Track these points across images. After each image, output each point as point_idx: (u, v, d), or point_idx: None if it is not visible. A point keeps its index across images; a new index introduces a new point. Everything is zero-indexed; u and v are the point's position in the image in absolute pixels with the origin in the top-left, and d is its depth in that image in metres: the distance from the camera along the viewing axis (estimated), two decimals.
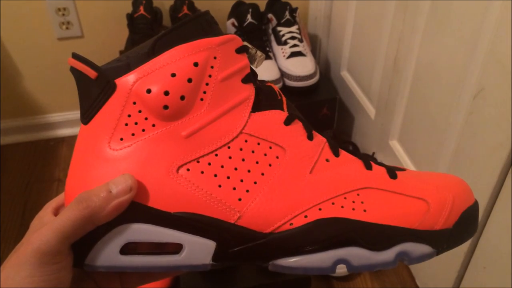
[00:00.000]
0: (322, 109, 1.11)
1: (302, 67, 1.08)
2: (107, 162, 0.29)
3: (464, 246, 0.73)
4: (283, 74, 1.09)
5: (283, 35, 1.14)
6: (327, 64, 1.34)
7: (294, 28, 1.15)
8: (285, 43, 1.13)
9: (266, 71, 1.07)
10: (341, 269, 0.30)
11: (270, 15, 1.16)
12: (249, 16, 1.13)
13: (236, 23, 1.15)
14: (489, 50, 0.62)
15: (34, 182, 1.22)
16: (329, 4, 1.25)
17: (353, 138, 1.21)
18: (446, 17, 0.72)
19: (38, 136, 1.37)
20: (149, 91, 0.28)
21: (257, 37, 1.13)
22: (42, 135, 1.37)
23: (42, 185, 1.21)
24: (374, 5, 0.99)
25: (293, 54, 1.10)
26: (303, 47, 1.13)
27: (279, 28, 1.15)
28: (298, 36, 1.14)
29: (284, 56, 1.11)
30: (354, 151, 0.34)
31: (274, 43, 1.15)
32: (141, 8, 1.13)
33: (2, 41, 1.21)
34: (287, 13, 1.15)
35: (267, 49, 1.13)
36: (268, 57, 1.10)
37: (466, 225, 0.32)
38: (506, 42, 0.58)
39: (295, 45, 1.12)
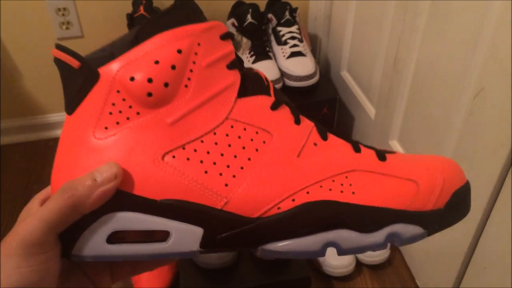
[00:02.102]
0: (322, 109, 1.11)
1: (302, 67, 1.08)
2: (92, 151, 0.29)
3: (464, 246, 0.73)
4: (283, 74, 1.09)
5: (283, 35, 1.14)
6: (327, 64, 1.34)
7: (294, 28, 1.15)
8: (285, 43, 1.13)
9: (266, 71, 1.07)
10: (331, 252, 0.30)
11: (270, 15, 1.16)
12: (249, 16, 1.13)
13: (236, 23, 1.15)
14: (489, 50, 0.62)
15: (34, 182, 1.22)
16: (329, 4, 1.25)
17: (353, 138, 1.21)
18: (446, 17, 0.72)
19: (38, 136, 1.37)
20: (132, 79, 0.28)
21: (257, 37, 1.13)
22: (42, 135, 1.37)
23: (42, 185, 1.20)
24: (374, 5, 0.99)
25: (293, 54, 1.10)
26: (303, 47, 1.13)
27: (279, 28, 1.15)
28: (298, 36, 1.14)
29: (284, 56, 1.11)
30: (345, 135, 0.34)
31: (274, 43, 1.15)
32: (141, 8, 1.13)
33: (2, 41, 1.21)
34: (287, 13, 1.15)
35: (267, 49, 1.13)
36: (268, 57, 1.11)
37: (458, 205, 0.32)
38: (506, 42, 0.58)
39: (295, 45, 1.12)
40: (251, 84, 0.32)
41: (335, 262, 0.94)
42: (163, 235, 0.29)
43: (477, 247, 0.72)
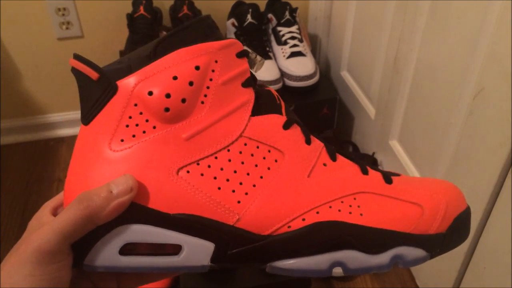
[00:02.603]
0: (322, 109, 1.11)
1: (302, 67, 1.08)
2: (107, 163, 0.29)
3: (464, 246, 0.73)
4: (283, 74, 1.09)
5: (283, 35, 1.14)
6: (327, 64, 1.34)
7: (294, 28, 1.15)
8: (285, 43, 1.13)
9: (266, 71, 1.07)
10: (337, 271, 0.31)
11: (270, 15, 1.16)
12: (249, 16, 1.13)
13: (236, 23, 1.15)
14: (489, 50, 0.62)
15: (34, 182, 1.22)
16: (329, 4, 1.25)
17: (353, 138, 1.21)
18: (446, 17, 0.72)
19: (38, 136, 1.37)
20: (150, 93, 0.29)
21: (257, 37, 1.13)
22: (42, 135, 1.37)
23: (42, 185, 1.21)
24: (374, 5, 0.99)
25: (293, 54, 1.10)
26: (303, 47, 1.13)
27: (279, 28, 1.15)
28: (298, 36, 1.14)
29: (284, 56, 1.11)
30: (353, 151, 0.34)
31: (274, 43, 1.15)
32: (141, 8, 1.13)
33: (2, 41, 1.21)
34: (287, 13, 1.15)
35: (267, 49, 1.13)
36: (268, 57, 1.10)
37: (459, 230, 0.33)
38: (506, 42, 0.58)
39: (295, 45, 1.12)
40: (264, 103, 0.32)
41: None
42: (175, 249, 0.29)
43: (477, 247, 0.72)
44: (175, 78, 0.29)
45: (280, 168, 0.31)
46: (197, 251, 0.29)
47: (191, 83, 0.29)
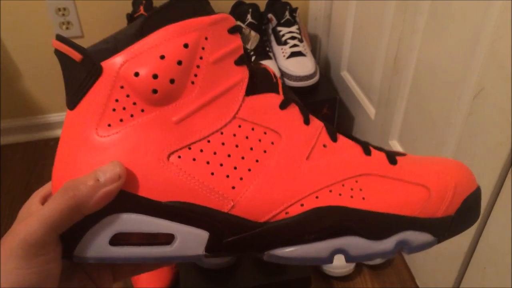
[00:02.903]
0: (322, 109, 1.11)
1: (302, 67, 1.08)
2: (94, 149, 0.28)
3: (464, 246, 0.73)
4: (283, 74, 1.09)
5: (283, 35, 1.14)
6: (327, 64, 1.34)
7: (294, 28, 1.15)
8: (285, 43, 1.13)
9: None
10: (339, 259, 0.29)
11: (270, 15, 1.16)
12: (249, 16, 1.13)
13: None
14: (489, 50, 0.62)
15: (34, 182, 1.22)
16: (329, 4, 1.25)
17: None
18: (446, 17, 0.72)
19: (38, 136, 1.37)
20: (137, 74, 0.27)
21: None
22: (42, 135, 1.37)
23: (42, 185, 1.20)
24: (374, 5, 0.99)
25: (293, 54, 1.10)
26: (303, 47, 1.13)
27: (279, 28, 1.15)
28: (298, 36, 1.14)
29: (284, 56, 1.11)
30: (352, 137, 0.33)
31: (274, 43, 1.15)
32: (141, 8, 1.13)
33: (2, 41, 1.21)
34: (287, 13, 1.15)
35: (267, 49, 1.13)
36: (268, 57, 1.10)
37: (469, 212, 0.31)
38: (506, 42, 0.58)
39: (295, 45, 1.12)
40: (260, 81, 0.30)
41: (335, 262, 0.94)
42: (167, 238, 0.28)
43: (477, 247, 0.72)
44: (162, 57, 0.27)
45: (277, 151, 0.29)
46: (190, 240, 0.28)
47: (179, 62, 0.27)
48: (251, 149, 0.29)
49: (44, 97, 1.32)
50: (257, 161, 0.29)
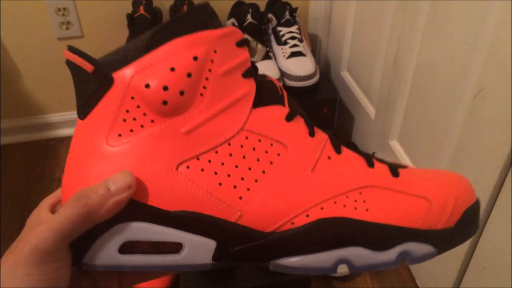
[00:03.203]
0: (322, 109, 1.11)
1: (302, 67, 1.08)
2: (105, 158, 0.28)
3: (464, 246, 0.73)
4: (283, 74, 1.09)
5: (283, 35, 1.14)
6: (327, 64, 1.34)
7: (294, 28, 1.15)
8: (285, 43, 1.13)
9: (266, 71, 1.07)
10: (343, 269, 0.30)
11: (270, 15, 1.16)
12: (249, 16, 1.13)
13: (236, 23, 1.15)
14: (489, 50, 0.62)
15: (34, 182, 1.22)
16: (329, 4, 1.25)
17: (353, 138, 1.21)
18: (446, 17, 0.72)
19: (38, 136, 1.37)
20: (147, 86, 0.28)
21: (257, 37, 1.13)
22: (42, 135, 1.37)
23: (42, 185, 1.21)
24: (374, 5, 0.99)
25: (293, 54, 1.10)
26: (303, 47, 1.13)
27: (279, 28, 1.15)
28: (298, 36, 1.14)
29: (284, 56, 1.11)
30: (355, 148, 0.33)
31: (274, 43, 1.15)
32: (141, 8, 1.13)
33: (2, 41, 1.21)
34: (287, 13, 1.15)
35: (267, 49, 1.13)
36: (268, 57, 1.10)
37: (468, 224, 0.31)
38: (506, 42, 0.58)
39: (295, 45, 1.12)
40: (266, 94, 0.31)
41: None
42: (175, 247, 0.29)
43: (477, 247, 0.72)
44: (172, 69, 0.28)
45: (283, 162, 0.30)
46: (198, 249, 0.28)
47: (189, 75, 0.28)
48: (258, 160, 0.30)
49: (44, 97, 1.32)
50: (263, 172, 0.29)
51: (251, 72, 0.31)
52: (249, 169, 0.29)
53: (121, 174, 0.27)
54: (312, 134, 0.31)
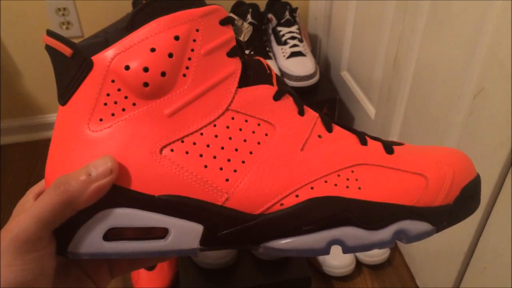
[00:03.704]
0: (322, 109, 1.11)
1: (302, 67, 1.08)
2: (86, 144, 0.28)
3: (464, 246, 0.73)
4: (283, 74, 1.09)
5: (283, 35, 1.14)
6: (327, 64, 1.34)
7: (294, 28, 1.15)
8: (285, 43, 1.13)
9: None
10: (336, 250, 0.29)
11: (270, 15, 1.16)
12: (249, 16, 1.13)
13: None
14: (489, 50, 0.62)
15: (34, 182, 1.20)
16: (329, 4, 1.25)
17: None
18: (446, 17, 0.72)
19: (38, 136, 1.37)
20: (127, 67, 0.27)
21: (257, 37, 1.13)
22: (42, 135, 1.37)
23: None
24: (374, 5, 0.99)
25: (293, 54, 1.10)
26: (303, 47, 1.13)
27: (279, 28, 1.15)
28: (298, 36, 1.14)
29: (284, 56, 1.11)
30: (350, 127, 0.32)
31: (274, 43, 1.15)
32: None
33: (2, 41, 1.21)
34: (287, 13, 1.15)
35: (267, 49, 1.13)
36: (268, 57, 1.11)
37: (468, 201, 0.31)
38: (506, 42, 0.58)
39: (295, 45, 1.12)
40: (253, 73, 0.30)
41: (335, 262, 0.94)
42: (161, 232, 0.28)
43: (477, 247, 0.72)
44: (152, 50, 0.27)
45: (271, 142, 0.29)
46: (185, 234, 0.28)
47: (170, 55, 0.27)
48: (245, 141, 0.29)
49: (44, 97, 1.32)
50: (251, 153, 0.29)
51: (237, 51, 0.30)
52: (236, 150, 0.28)
53: (102, 159, 0.27)
54: (301, 112, 0.30)
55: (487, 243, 0.69)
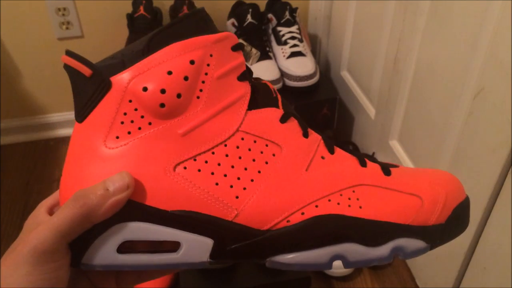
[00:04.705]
0: (322, 109, 1.11)
1: (302, 67, 1.08)
2: (103, 160, 0.29)
3: (464, 246, 0.73)
4: (283, 74, 1.09)
5: (283, 35, 1.14)
6: (327, 64, 1.34)
7: (294, 28, 1.15)
8: (285, 43, 1.13)
9: (266, 71, 1.07)
10: (338, 264, 0.30)
11: (270, 15, 1.16)
12: (249, 16, 1.13)
13: (236, 23, 1.15)
14: (489, 50, 0.62)
15: (34, 182, 1.22)
16: (329, 4, 1.25)
17: (353, 138, 1.21)
18: (446, 17, 0.72)
19: (38, 136, 1.37)
20: (145, 89, 0.28)
21: (257, 37, 1.13)
22: (42, 135, 1.37)
23: (42, 185, 1.21)
24: (374, 5, 0.99)
25: (293, 54, 1.10)
26: (303, 47, 1.13)
27: (279, 28, 1.15)
28: (298, 36, 1.14)
29: (284, 56, 1.11)
30: (351, 149, 0.34)
31: (274, 43, 1.15)
32: (141, 8, 1.13)
33: (2, 41, 1.21)
34: (287, 13, 1.15)
35: (267, 49, 1.13)
36: (268, 57, 1.10)
37: (458, 220, 0.33)
38: (506, 42, 0.58)
39: (295, 45, 1.12)
40: (261, 96, 0.32)
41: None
42: (173, 246, 0.29)
43: (477, 247, 0.72)
44: (169, 73, 0.29)
45: (278, 162, 0.31)
46: (195, 248, 0.29)
47: (186, 78, 0.29)
48: (254, 160, 0.30)
49: (44, 97, 1.32)
50: (259, 172, 0.30)
51: (246, 75, 0.32)
52: (245, 169, 0.30)
53: (119, 175, 0.28)
54: (306, 135, 0.32)
55: (487, 243, 0.69)
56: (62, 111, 1.35)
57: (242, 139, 0.30)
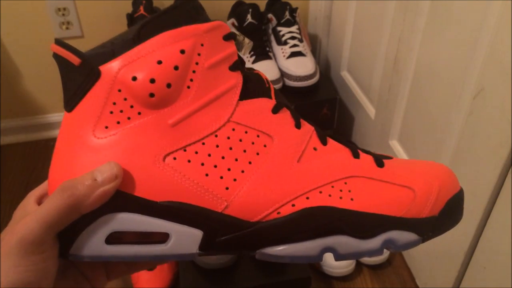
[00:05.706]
0: (322, 109, 1.11)
1: (302, 67, 1.08)
2: (91, 150, 0.28)
3: (464, 246, 0.73)
4: (283, 74, 1.09)
5: (283, 35, 1.14)
6: (327, 64, 1.34)
7: (294, 28, 1.15)
8: (285, 43, 1.13)
9: (266, 71, 1.07)
10: (328, 257, 0.30)
11: (270, 15, 1.16)
12: (249, 16, 1.13)
13: (236, 23, 1.15)
14: (489, 50, 0.62)
15: (34, 182, 1.22)
16: (329, 4, 1.25)
17: (353, 138, 1.21)
18: (446, 17, 0.72)
19: (38, 136, 1.37)
20: (134, 78, 0.28)
21: (257, 37, 1.13)
22: (42, 135, 1.37)
23: None
24: (374, 5, 0.99)
25: (293, 54, 1.10)
26: (303, 47, 1.13)
27: (279, 28, 1.15)
28: (298, 36, 1.14)
29: (284, 56, 1.11)
30: (347, 140, 0.33)
31: (274, 43, 1.15)
32: (141, 8, 1.13)
33: (2, 41, 1.21)
34: (287, 13, 1.15)
35: (267, 49, 1.13)
36: (268, 57, 1.11)
37: (452, 213, 0.32)
38: (506, 42, 0.58)
39: (295, 45, 1.12)
40: (253, 86, 0.31)
41: (335, 262, 0.94)
42: (162, 237, 0.29)
43: (477, 247, 0.72)
44: (159, 62, 0.28)
45: (269, 153, 0.30)
46: (185, 239, 0.29)
47: (176, 67, 0.28)
48: (244, 151, 0.30)
49: (44, 97, 1.32)
50: (250, 163, 0.30)
51: (238, 65, 0.31)
52: (236, 160, 0.30)
53: (107, 165, 0.28)
54: (298, 126, 0.32)
55: (487, 243, 0.69)
56: (62, 111, 1.35)
57: (233, 129, 0.30)
